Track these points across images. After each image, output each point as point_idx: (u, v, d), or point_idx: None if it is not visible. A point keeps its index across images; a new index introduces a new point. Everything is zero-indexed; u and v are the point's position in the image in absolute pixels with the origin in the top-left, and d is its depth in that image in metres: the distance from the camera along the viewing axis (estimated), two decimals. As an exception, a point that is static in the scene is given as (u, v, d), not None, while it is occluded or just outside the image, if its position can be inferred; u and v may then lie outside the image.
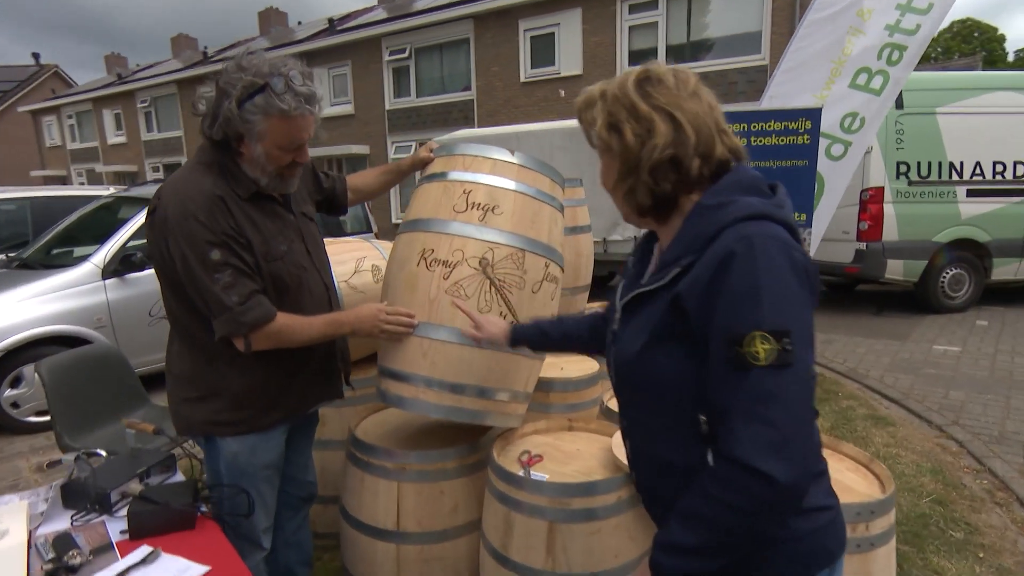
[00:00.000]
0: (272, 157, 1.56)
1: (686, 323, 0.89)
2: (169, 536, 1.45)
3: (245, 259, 1.54)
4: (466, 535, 1.95)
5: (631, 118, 0.95)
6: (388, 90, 14.89)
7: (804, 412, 0.83)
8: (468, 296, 1.74)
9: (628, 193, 0.99)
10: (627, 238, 7.22)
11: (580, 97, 1.03)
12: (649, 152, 0.94)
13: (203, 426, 1.68)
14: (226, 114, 1.48)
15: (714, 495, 0.84)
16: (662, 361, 0.93)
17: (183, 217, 1.49)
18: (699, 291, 0.87)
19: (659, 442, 0.99)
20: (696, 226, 0.93)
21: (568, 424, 2.09)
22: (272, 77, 1.46)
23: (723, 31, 10.89)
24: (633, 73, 0.98)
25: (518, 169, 1.83)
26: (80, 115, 24.00)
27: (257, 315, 1.52)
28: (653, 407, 0.98)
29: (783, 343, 0.81)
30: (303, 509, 2.10)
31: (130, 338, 4.36)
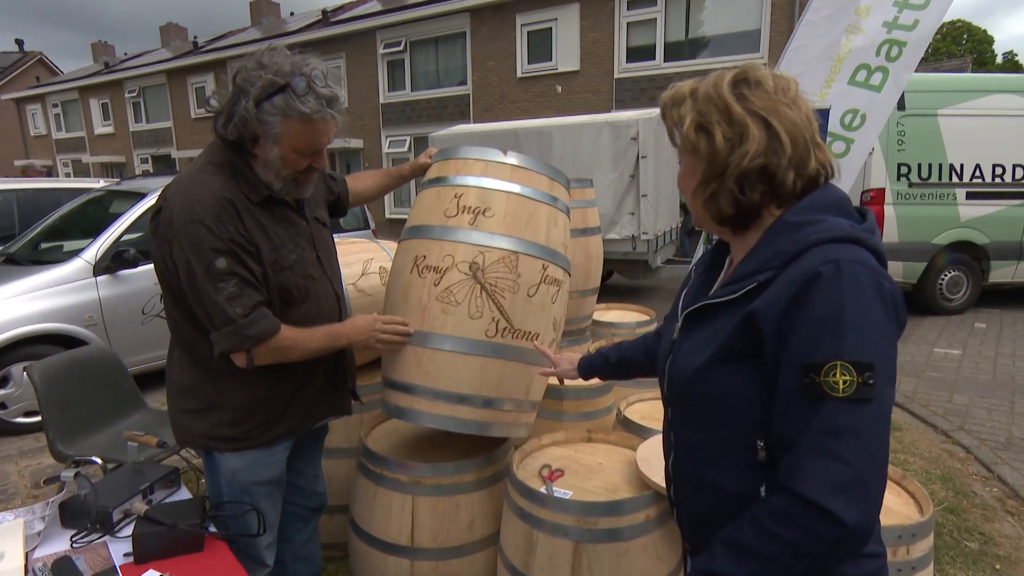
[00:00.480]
0: (288, 161, 1.47)
1: (757, 343, 0.84)
2: (176, 559, 1.38)
3: (252, 269, 1.45)
4: (483, 550, 1.88)
5: (723, 120, 0.89)
6: (383, 83, 14.71)
7: (880, 452, 0.78)
8: (458, 302, 1.69)
9: (709, 199, 0.93)
10: (624, 237, 7.17)
11: (668, 93, 0.97)
12: (739, 159, 0.88)
13: (202, 439, 1.60)
14: (242, 114, 1.39)
15: (772, 530, 0.79)
16: (725, 379, 0.88)
17: (189, 221, 1.39)
18: (777, 311, 0.82)
19: (710, 464, 0.94)
20: (777, 242, 0.87)
21: (587, 436, 2.03)
22: (293, 77, 1.38)
23: (722, 29, 10.84)
24: (729, 73, 0.93)
25: (511, 169, 1.78)
26: (66, 104, 23.54)
27: (262, 328, 1.43)
28: (708, 426, 0.93)
29: (864, 376, 0.76)
30: (313, 520, 2.03)
31: (122, 337, 4.24)
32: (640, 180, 6.94)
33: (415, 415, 1.78)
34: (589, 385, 2.37)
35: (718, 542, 0.87)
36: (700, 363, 0.91)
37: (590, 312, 3.26)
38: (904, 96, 6.13)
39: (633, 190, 7.03)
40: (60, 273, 4.10)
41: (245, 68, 1.41)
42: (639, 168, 6.92)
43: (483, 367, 1.72)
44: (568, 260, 1.93)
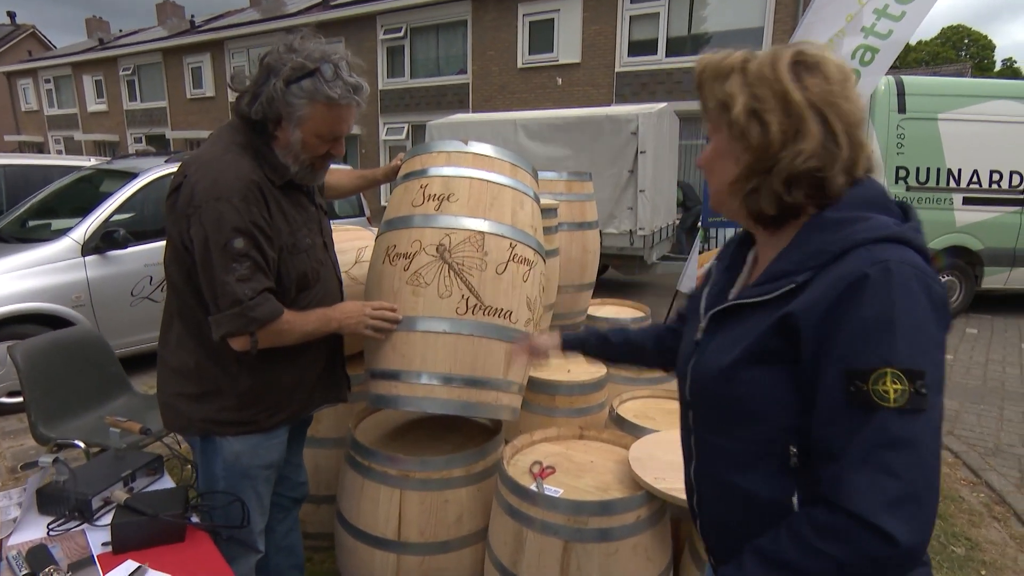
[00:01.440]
0: (308, 145, 1.48)
1: (794, 345, 0.78)
2: (156, 549, 1.34)
3: (267, 254, 1.45)
4: (470, 546, 1.86)
5: (780, 109, 0.80)
6: (382, 70, 14.57)
7: (934, 467, 0.72)
8: (428, 283, 1.72)
9: (750, 195, 0.85)
10: (621, 232, 7.13)
11: (709, 60, 0.87)
12: (791, 157, 0.80)
13: (203, 424, 1.57)
14: (270, 93, 1.41)
15: (816, 546, 0.73)
16: (755, 380, 0.83)
17: (215, 198, 1.38)
18: (818, 314, 0.76)
19: (739, 470, 0.87)
20: (817, 240, 0.81)
21: (579, 433, 2.01)
22: (323, 63, 1.41)
23: (725, 25, 10.78)
24: (787, 51, 0.83)
25: (473, 157, 1.84)
26: (58, 80, 23.20)
27: (267, 311, 1.42)
28: (736, 430, 0.87)
29: (916, 385, 0.70)
30: (294, 511, 2.01)
31: (110, 318, 4.18)
32: (638, 175, 6.90)
33: (395, 400, 1.77)
34: (582, 381, 2.35)
35: (749, 553, 0.81)
36: (728, 362, 0.85)
37: (585, 307, 3.24)
38: (905, 99, 6.13)
39: (631, 185, 6.99)
40: (47, 252, 4.03)
41: (276, 51, 1.45)
42: (637, 163, 6.88)
43: (456, 345, 1.73)
44: (540, 243, 1.95)
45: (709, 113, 0.89)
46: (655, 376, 2.66)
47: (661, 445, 1.78)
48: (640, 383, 2.61)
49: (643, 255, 7.20)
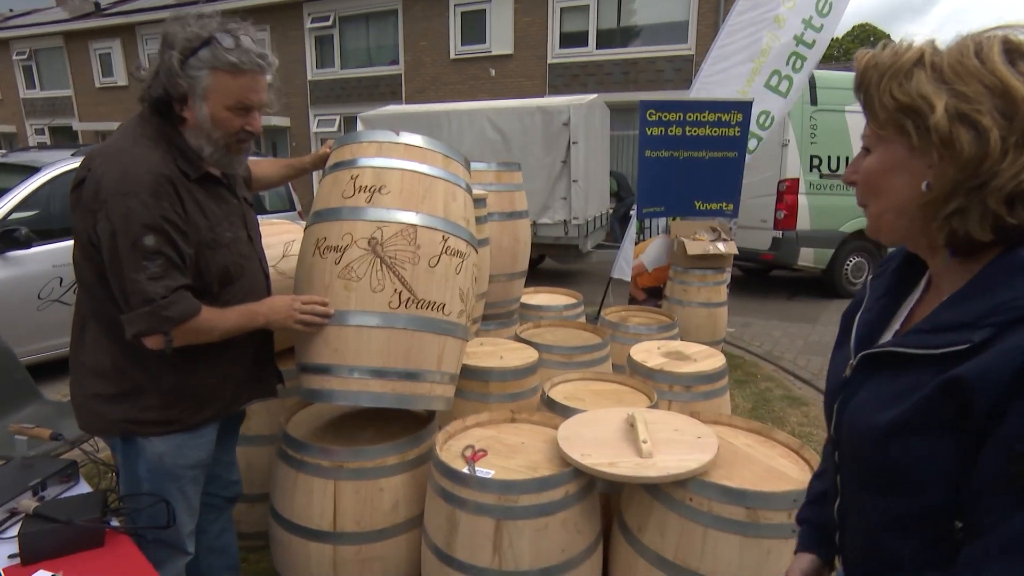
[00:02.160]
0: (219, 120, 1.42)
1: (966, 415, 0.67)
2: (72, 557, 1.29)
3: (181, 251, 1.40)
4: (406, 533, 1.88)
5: (1000, 110, 0.65)
6: (310, 60, 14.11)
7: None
8: (360, 277, 1.72)
9: (955, 215, 0.70)
10: (556, 222, 7.26)
11: (874, 59, 0.74)
12: (1015, 171, 0.65)
13: (123, 425, 1.52)
14: (168, 65, 1.35)
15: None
16: (918, 449, 0.72)
17: (122, 193, 1.32)
18: (996, 384, 0.64)
19: (894, 533, 0.79)
20: (1007, 285, 0.68)
21: (511, 416, 2.06)
22: (219, 32, 1.36)
23: (651, 19, 11.11)
24: (993, 36, 0.68)
25: (404, 148, 1.82)
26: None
27: (181, 309, 1.37)
28: (892, 494, 0.77)
29: None
30: (227, 510, 1.96)
31: (14, 324, 3.88)
32: (571, 165, 7.04)
33: (329, 395, 1.77)
34: (515, 366, 2.40)
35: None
36: (885, 425, 0.74)
37: (518, 295, 3.30)
38: (816, 92, 6.53)
39: (564, 175, 7.12)
40: (-62, 254, 3.70)
41: (169, 24, 1.39)
42: (570, 153, 7.02)
43: (390, 339, 1.73)
44: (472, 234, 1.97)
45: (879, 120, 0.75)
46: (585, 359, 2.76)
47: (588, 424, 1.86)
48: (571, 367, 2.69)
49: (578, 244, 7.35)
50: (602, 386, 2.39)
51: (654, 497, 1.66)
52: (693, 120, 4.53)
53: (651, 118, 4.53)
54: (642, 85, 10.73)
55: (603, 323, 3.44)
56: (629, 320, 3.49)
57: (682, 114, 4.55)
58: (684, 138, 4.58)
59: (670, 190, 4.71)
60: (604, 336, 2.93)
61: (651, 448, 1.66)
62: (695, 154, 4.61)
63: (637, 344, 2.81)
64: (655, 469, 1.59)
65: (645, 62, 10.86)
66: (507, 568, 1.59)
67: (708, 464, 1.61)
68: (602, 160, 8.36)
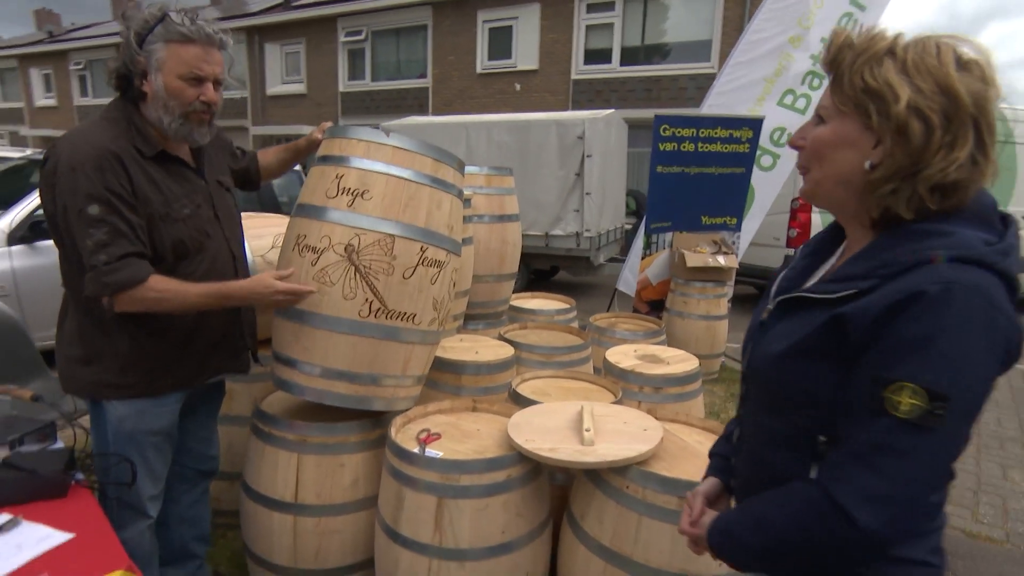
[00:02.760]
0: (173, 90, 1.53)
1: (842, 345, 0.80)
2: (35, 504, 1.40)
3: (129, 219, 1.50)
4: (366, 510, 1.95)
5: (944, 112, 0.75)
6: (343, 72, 14.56)
7: (926, 480, 0.76)
8: (333, 283, 1.75)
9: (889, 195, 0.80)
10: (568, 233, 7.32)
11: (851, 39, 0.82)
12: (944, 165, 0.76)
13: (89, 387, 1.65)
14: (127, 42, 1.50)
15: (794, 513, 0.82)
16: (801, 372, 0.85)
17: (69, 168, 1.46)
18: (867, 320, 0.77)
19: (772, 447, 0.93)
20: (894, 248, 0.79)
21: (472, 405, 2.13)
22: (169, 11, 1.50)
23: (676, 37, 11.17)
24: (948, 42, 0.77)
25: (392, 151, 1.81)
26: (3, 72, 22.40)
27: (122, 277, 1.48)
28: (778, 412, 0.91)
29: (934, 406, 0.72)
30: (201, 484, 2.07)
31: (39, 309, 4.10)
32: (585, 178, 7.11)
33: (296, 388, 1.86)
34: (489, 361, 2.47)
35: (741, 507, 0.90)
36: (780, 351, 0.88)
37: (506, 297, 3.37)
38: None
39: (578, 188, 7.19)
40: (-29, 242, 3.97)
41: (131, 11, 1.54)
42: (584, 166, 7.09)
43: (356, 345, 1.79)
44: (456, 242, 1.98)
45: (845, 94, 0.82)
46: (564, 360, 2.81)
47: (541, 414, 1.91)
48: (550, 367, 2.74)
49: (590, 256, 7.39)
50: (571, 384, 2.44)
51: (596, 486, 1.70)
52: (706, 136, 4.54)
53: (664, 133, 4.53)
54: (664, 102, 10.78)
55: (591, 328, 3.48)
56: (617, 326, 3.52)
57: (695, 130, 4.56)
58: (696, 154, 4.58)
59: (679, 205, 4.71)
60: (585, 338, 2.97)
61: (593, 436, 1.70)
62: (705, 170, 4.62)
63: (615, 347, 2.85)
64: (594, 456, 1.63)
65: (668, 79, 10.92)
66: (447, 545, 1.65)
67: (646, 454, 1.65)
68: (618, 175, 8.41)
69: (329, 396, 1.83)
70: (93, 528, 1.34)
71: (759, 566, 0.90)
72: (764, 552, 0.87)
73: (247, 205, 5.73)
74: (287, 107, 15.34)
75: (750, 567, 0.92)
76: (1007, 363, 0.77)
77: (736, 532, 0.91)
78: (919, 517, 0.79)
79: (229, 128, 15.40)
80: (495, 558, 1.68)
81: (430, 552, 1.66)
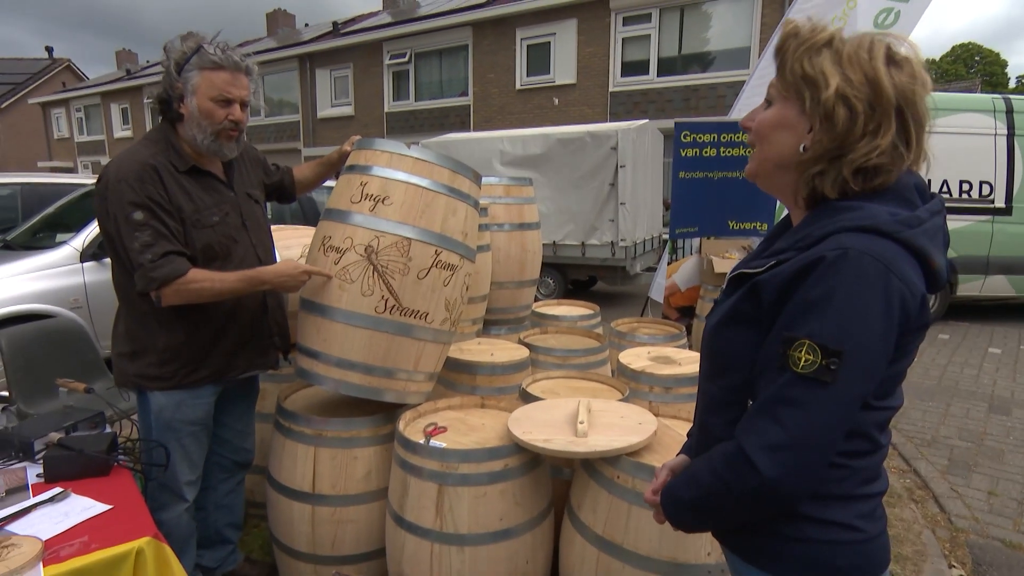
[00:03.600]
0: (205, 111, 1.75)
1: (759, 310, 0.88)
2: (82, 481, 1.59)
3: (168, 224, 1.71)
4: (378, 501, 2.07)
5: (869, 101, 0.81)
6: (388, 93, 15.12)
7: (821, 431, 0.81)
8: (353, 280, 1.90)
9: (816, 176, 0.87)
10: (604, 243, 7.36)
11: (796, 29, 0.87)
12: (867, 150, 0.82)
13: (134, 379, 1.85)
14: (166, 70, 1.73)
15: (716, 468, 0.89)
16: (730, 338, 0.93)
17: (116, 181, 1.68)
18: (776, 285, 0.85)
19: (712, 412, 1.00)
20: (812, 224, 0.87)
21: (481, 402, 2.23)
22: (205, 43, 1.73)
23: (713, 46, 11.09)
24: (881, 39, 0.83)
25: (413, 162, 1.95)
26: (88, 108, 24.38)
27: (166, 272, 1.68)
28: (715, 379, 0.99)
29: (829, 361, 0.78)
30: (237, 474, 2.25)
31: (106, 320, 4.44)
32: (619, 188, 7.15)
33: (315, 377, 2.00)
34: (503, 363, 2.56)
35: (684, 469, 1.00)
36: (716, 321, 0.97)
37: (527, 302, 3.46)
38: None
39: (612, 198, 7.24)
40: (49, 259, 4.38)
41: (171, 44, 1.79)
42: (618, 177, 7.14)
43: (371, 339, 1.93)
44: (469, 248, 2.10)
45: (785, 81, 0.88)
46: (580, 363, 2.87)
47: (541, 409, 1.99)
48: (566, 368, 2.81)
49: (625, 266, 7.40)
50: (580, 384, 2.50)
51: (591, 476, 1.77)
52: (727, 141, 4.56)
53: (685, 139, 4.59)
54: (703, 111, 10.69)
55: (611, 333, 3.53)
56: (638, 331, 3.55)
57: (716, 135, 4.59)
58: (718, 159, 4.60)
59: (704, 210, 4.72)
60: (602, 341, 3.03)
61: (586, 429, 1.77)
62: (729, 174, 4.62)
63: (630, 349, 2.90)
64: (585, 446, 1.70)
65: (706, 88, 10.83)
66: (447, 530, 1.75)
67: (637, 445, 1.70)
68: (653, 184, 8.40)
69: (344, 386, 1.97)
70: (128, 502, 1.52)
71: (694, 521, 0.96)
72: (694, 505, 0.94)
73: (293, 219, 6.06)
74: (336, 129, 16.03)
75: (689, 524, 0.98)
76: (908, 325, 0.82)
77: (675, 489, 0.98)
78: (818, 467, 0.83)
79: (283, 151, 16.22)
80: (494, 544, 1.76)
81: (432, 536, 1.76)
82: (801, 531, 0.90)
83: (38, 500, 1.47)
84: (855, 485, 0.91)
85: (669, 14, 11.27)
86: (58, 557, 1.26)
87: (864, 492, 0.92)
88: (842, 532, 0.90)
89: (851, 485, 0.90)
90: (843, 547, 0.90)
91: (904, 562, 2.46)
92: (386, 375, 1.99)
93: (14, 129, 27.72)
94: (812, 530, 0.90)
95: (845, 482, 0.90)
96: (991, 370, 5.06)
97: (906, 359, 0.88)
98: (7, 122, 27.63)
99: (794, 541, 0.91)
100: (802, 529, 0.90)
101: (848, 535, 0.90)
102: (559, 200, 7.44)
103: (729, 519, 0.94)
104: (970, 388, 4.63)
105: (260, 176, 2.17)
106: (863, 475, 0.91)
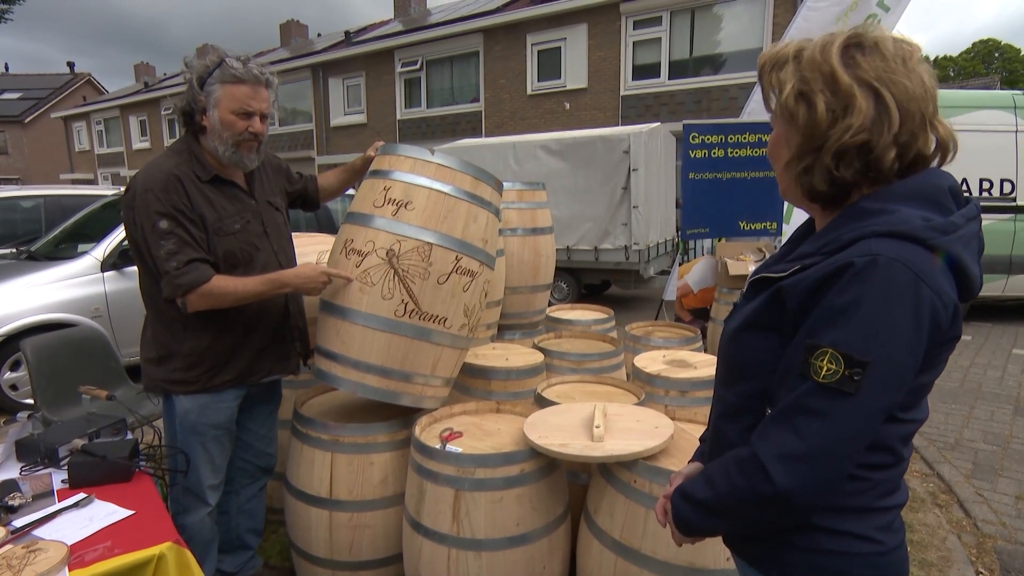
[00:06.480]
0: (227, 123, 1.79)
1: (782, 317, 0.86)
2: (106, 487, 1.62)
3: (192, 232, 1.75)
4: (395, 507, 2.08)
5: (827, 89, 0.83)
6: (400, 100, 15.24)
7: (840, 443, 0.79)
8: (374, 283, 1.91)
9: (803, 173, 0.88)
10: (617, 247, 7.33)
11: (769, 53, 0.91)
12: (840, 132, 0.82)
13: (161, 384, 1.89)
14: (188, 84, 1.77)
15: (730, 472, 0.88)
16: (750, 344, 0.92)
17: (143, 191, 1.73)
18: (802, 291, 0.83)
19: (727, 418, 0.99)
20: (840, 227, 0.85)
21: (496, 407, 2.23)
22: (226, 57, 1.76)
23: (724, 48, 11.03)
24: (842, 35, 0.85)
25: (436, 168, 1.98)
26: (108, 121, 24.86)
27: (191, 278, 1.72)
28: (733, 385, 0.98)
29: (852, 371, 0.76)
30: (260, 479, 2.27)
31: (126, 328, 4.57)
32: (632, 192, 7.13)
33: (334, 379, 2.02)
34: (518, 367, 2.56)
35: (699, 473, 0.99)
36: (735, 326, 0.96)
37: (541, 307, 3.46)
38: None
39: (625, 202, 7.22)
40: (71, 269, 4.48)
41: (192, 60, 1.82)
42: (631, 180, 7.12)
43: (390, 342, 1.94)
44: (489, 255, 2.11)
45: (768, 103, 0.92)
46: (595, 367, 2.86)
47: (556, 413, 1.99)
48: (581, 372, 2.81)
49: (639, 269, 7.37)
50: (595, 388, 2.50)
51: (607, 481, 1.76)
52: (735, 141, 4.56)
53: (694, 141, 4.60)
54: (715, 113, 10.63)
55: (626, 336, 3.51)
56: (653, 334, 3.53)
57: (723, 136, 4.59)
58: (727, 159, 4.61)
59: (714, 211, 4.72)
60: (617, 345, 3.02)
61: (602, 433, 1.77)
62: (738, 175, 4.61)
63: (645, 352, 2.88)
64: (600, 451, 1.69)
65: (718, 90, 10.78)
66: (464, 535, 1.75)
67: (653, 449, 1.69)
68: (666, 187, 8.36)
69: (362, 388, 1.98)
70: (150, 507, 1.54)
71: (703, 524, 0.94)
72: (706, 508, 0.92)
73: (309, 226, 6.13)
74: (349, 137, 16.18)
75: (697, 527, 0.96)
76: (938, 337, 0.79)
77: (688, 489, 0.97)
78: (834, 479, 0.81)
79: (297, 159, 16.40)
80: (511, 549, 1.76)
81: (449, 542, 1.76)
82: (814, 541, 0.88)
83: (63, 505, 1.50)
84: (874, 498, 0.89)
85: (680, 17, 11.24)
86: (83, 561, 1.28)
87: (883, 505, 0.90)
88: (858, 544, 0.88)
89: (869, 498, 0.88)
90: (859, 559, 0.88)
91: (929, 568, 2.42)
92: (403, 379, 2.00)
93: (38, 143, 28.39)
94: (825, 540, 0.88)
95: (863, 495, 0.88)
96: (1016, 372, 4.96)
97: (935, 371, 0.86)
98: (31, 136, 28.32)
99: (806, 550, 0.89)
100: (815, 539, 0.88)
101: (866, 547, 0.88)
102: (571, 204, 7.44)
103: (739, 525, 0.93)
104: (994, 390, 4.54)
105: (282, 184, 2.20)
106: (883, 488, 0.89)
